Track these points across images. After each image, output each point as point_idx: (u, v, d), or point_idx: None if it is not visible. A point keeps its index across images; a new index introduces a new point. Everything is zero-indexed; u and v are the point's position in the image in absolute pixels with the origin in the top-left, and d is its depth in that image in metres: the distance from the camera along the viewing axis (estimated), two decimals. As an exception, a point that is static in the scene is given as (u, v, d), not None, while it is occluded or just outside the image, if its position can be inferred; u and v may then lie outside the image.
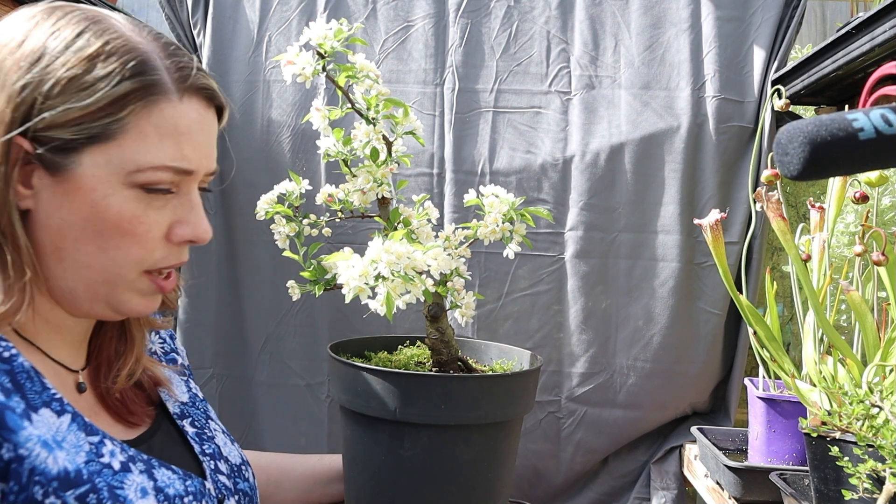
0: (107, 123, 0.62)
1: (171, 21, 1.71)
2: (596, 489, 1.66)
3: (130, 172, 0.63)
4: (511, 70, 1.66)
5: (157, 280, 0.68)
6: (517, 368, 1.07)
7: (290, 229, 1.02)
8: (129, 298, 0.67)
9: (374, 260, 0.78)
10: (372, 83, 0.95)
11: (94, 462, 0.61)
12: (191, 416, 0.81)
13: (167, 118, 0.64)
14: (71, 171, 0.62)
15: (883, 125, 0.46)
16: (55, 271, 0.65)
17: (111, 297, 0.66)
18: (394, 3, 1.69)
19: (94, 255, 0.64)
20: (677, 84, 1.62)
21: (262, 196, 1.03)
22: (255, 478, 0.85)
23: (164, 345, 0.87)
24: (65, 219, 0.63)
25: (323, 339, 1.65)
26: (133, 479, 0.63)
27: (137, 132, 0.63)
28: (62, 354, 0.70)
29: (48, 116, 0.60)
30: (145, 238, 0.65)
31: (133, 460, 0.65)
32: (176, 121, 0.65)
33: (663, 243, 1.60)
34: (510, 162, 1.64)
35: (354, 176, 1.00)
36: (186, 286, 1.66)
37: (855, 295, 0.92)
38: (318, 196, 1.04)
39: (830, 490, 0.87)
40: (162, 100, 0.64)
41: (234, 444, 0.85)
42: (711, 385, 1.65)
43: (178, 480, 0.68)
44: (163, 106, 0.64)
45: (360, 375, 0.90)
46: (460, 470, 0.91)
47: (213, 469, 0.76)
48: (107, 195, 0.63)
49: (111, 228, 0.64)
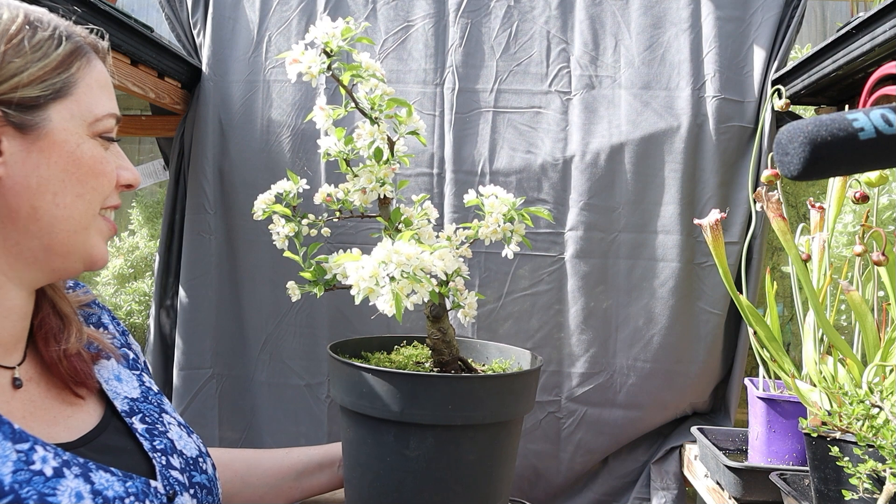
0: (65, 78, 0.69)
1: (171, 21, 1.71)
2: (596, 489, 1.66)
3: (90, 123, 0.72)
4: (511, 70, 1.66)
5: (108, 220, 0.76)
6: (514, 368, 1.08)
7: (289, 229, 1.02)
8: (96, 243, 0.74)
9: (385, 261, 0.78)
10: (377, 82, 0.94)
11: (23, 471, 0.60)
12: (141, 412, 0.80)
13: (100, 73, 0.74)
14: (43, 128, 0.68)
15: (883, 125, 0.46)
16: (30, 231, 0.69)
17: (85, 244, 0.73)
18: (394, 3, 1.69)
19: (72, 204, 0.70)
20: (677, 84, 1.62)
21: (259, 196, 1.02)
22: (215, 469, 0.84)
23: (113, 340, 0.87)
24: (43, 175, 0.68)
25: (323, 339, 1.65)
26: (67, 484, 0.62)
27: (85, 86, 0.72)
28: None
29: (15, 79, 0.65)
30: (111, 177, 0.74)
31: (67, 465, 0.64)
32: (105, 75, 0.75)
33: (663, 243, 1.60)
34: (510, 162, 1.64)
35: (356, 175, 1.00)
36: (186, 286, 1.66)
37: (855, 295, 0.92)
38: (317, 196, 1.04)
39: (830, 490, 0.87)
40: (92, 57, 0.74)
41: (193, 435, 0.85)
42: (711, 385, 1.65)
43: (118, 482, 0.67)
44: (94, 63, 0.74)
45: (364, 377, 0.89)
46: (465, 470, 0.91)
47: (164, 465, 0.75)
48: (80, 144, 0.71)
49: (87, 173, 0.71)
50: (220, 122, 1.67)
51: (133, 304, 1.92)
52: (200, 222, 1.67)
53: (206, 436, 1.64)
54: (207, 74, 1.67)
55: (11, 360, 0.72)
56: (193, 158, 1.67)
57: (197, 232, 1.67)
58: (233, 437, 1.69)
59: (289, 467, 1.04)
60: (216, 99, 1.67)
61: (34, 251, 0.69)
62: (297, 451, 1.07)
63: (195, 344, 1.66)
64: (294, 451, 1.07)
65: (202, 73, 1.68)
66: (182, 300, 1.66)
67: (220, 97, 1.68)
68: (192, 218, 1.67)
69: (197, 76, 1.68)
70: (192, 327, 1.66)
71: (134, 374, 0.85)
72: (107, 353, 0.83)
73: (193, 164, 1.67)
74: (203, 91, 1.67)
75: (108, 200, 0.75)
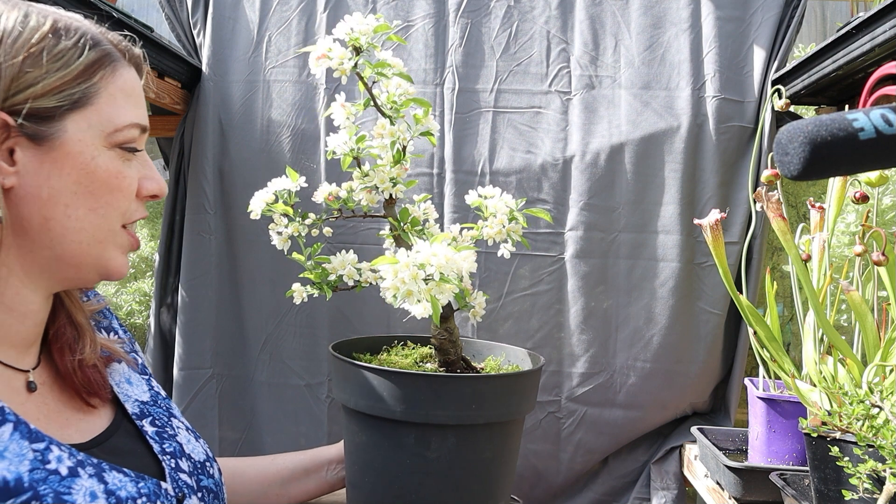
0: (84, 88, 0.68)
1: (171, 21, 1.71)
2: (596, 489, 1.66)
3: (109, 133, 0.69)
4: (511, 70, 1.66)
5: (131, 234, 0.74)
6: (507, 366, 1.08)
7: (293, 229, 1.00)
8: (114, 255, 0.72)
9: (424, 264, 0.80)
10: (400, 81, 0.94)
11: (39, 469, 0.61)
12: (151, 414, 0.81)
13: (126, 81, 0.72)
14: (57, 139, 0.67)
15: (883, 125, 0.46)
16: (42, 241, 0.68)
17: (101, 257, 0.71)
18: (394, 3, 1.69)
19: (85, 217, 0.69)
20: (677, 84, 1.62)
21: (256, 194, 1.00)
22: (221, 473, 0.85)
23: (123, 346, 0.87)
24: (55, 186, 0.67)
25: (323, 339, 1.65)
26: (82, 483, 0.63)
27: (108, 95, 0.70)
28: (10, 354, 0.70)
29: (30, 90, 0.65)
30: (128, 192, 0.72)
31: (82, 464, 0.65)
32: (132, 84, 0.73)
33: (663, 243, 1.60)
34: (510, 162, 1.64)
35: (366, 174, 0.98)
36: (186, 286, 1.66)
37: (855, 295, 0.92)
38: (318, 194, 1.03)
39: (830, 490, 0.87)
40: (119, 66, 0.72)
41: (200, 440, 0.85)
42: (711, 385, 1.65)
43: (131, 483, 0.68)
44: (121, 71, 0.72)
45: (379, 379, 0.89)
46: (482, 468, 0.92)
47: (173, 468, 0.76)
48: (94, 156, 0.69)
49: (101, 187, 0.69)
50: (220, 122, 1.67)
51: (133, 304, 1.92)
52: (200, 222, 1.67)
53: (206, 436, 1.64)
54: (207, 74, 1.67)
55: (26, 364, 0.72)
56: (193, 158, 1.67)
57: (197, 232, 1.67)
58: (233, 437, 1.69)
59: (274, 474, 1.03)
60: (216, 99, 1.67)
61: (47, 260, 0.69)
62: (282, 457, 1.06)
63: (195, 344, 1.66)
64: (280, 457, 1.06)
65: (202, 73, 1.68)
66: (182, 300, 1.66)
67: (220, 97, 1.68)
68: (192, 218, 1.67)
69: (197, 76, 1.68)
70: (192, 327, 1.66)
71: (143, 378, 0.86)
72: (118, 357, 0.83)
73: (193, 164, 1.67)
74: (203, 91, 1.67)
75: (130, 213, 0.73)
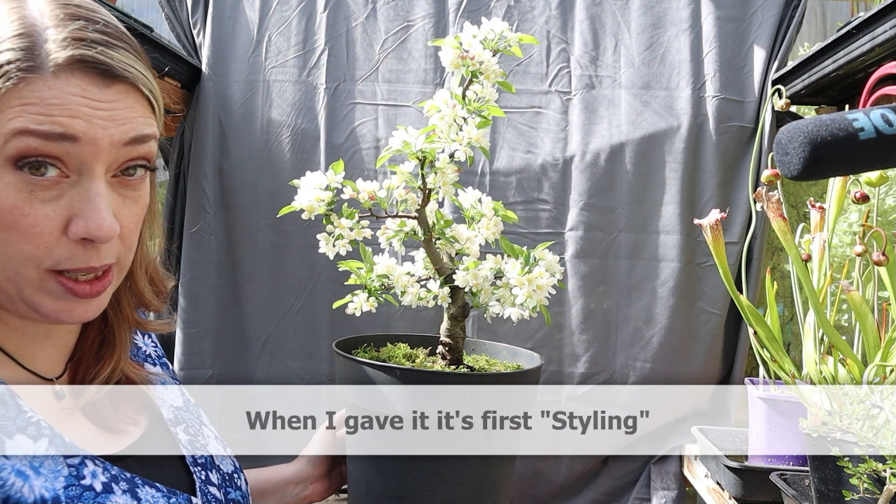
0: None
1: (171, 21, 1.71)
2: (596, 489, 1.66)
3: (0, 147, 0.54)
4: (511, 70, 1.66)
5: (65, 282, 0.59)
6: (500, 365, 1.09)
7: (356, 233, 0.91)
8: (40, 300, 0.59)
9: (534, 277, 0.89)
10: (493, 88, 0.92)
11: (75, 486, 0.60)
12: (185, 421, 0.79)
13: (33, 91, 0.55)
14: None
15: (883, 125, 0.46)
16: None
17: (23, 297, 0.59)
18: (394, 3, 1.69)
19: None
20: (677, 84, 1.62)
21: (303, 183, 0.90)
22: (247, 485, 0.84)
23: (156, 349, 0.87)
24: None
25: (323, 338, 1.65)
26: (115, 500, 0.62)
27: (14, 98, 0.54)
28: (38, 363, 0.68)
29: None
30: (32, 234, 0.56)
31: (116, 480, 0.64)
32: (43, 93, 0.55)
33: (663, 243, 1.60)
34: (510, 162, 1.63)
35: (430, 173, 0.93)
36: (186, 286, 1.66)
37: (855, 295, 0.92)
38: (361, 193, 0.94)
39: (831, 490, 0.87)
40: (34, 80, 0.55)
41: (227, 449, 0.84)
42: (711, 385, 1.65)
43: (163, 499, 0.67)
44: (34, 86, 0.55)
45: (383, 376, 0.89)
46: (496, 466, 0.93)
47: (203, 480, 0.74)
48: None
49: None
50: (220, 122, 1.67)
51: (133, 304, 1.92)
52: (200, 222, 1.67)
53: (206, 436, 1.64)
54: (207, 74, 1.67)
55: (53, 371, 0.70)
56: (193, 158, 1.67)
57: (197, 232, 1.67)
58: (233, 437, 1.68)
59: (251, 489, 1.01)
60: (216, 99, 1.67)
61: None
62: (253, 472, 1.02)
63: (195, 344, 1.66)
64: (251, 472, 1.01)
65: (202, 72, 1.68)
66: (182, 300, 1.66)
67: (220, 97, 1.68)
68: (192, 218, 1.67)
69: (197, 76, 1.68)
70: (192, 327, 1.66)
71: (175, 382, 0.85)
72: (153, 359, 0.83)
73: (193, 164, 1.67)
74: (203, 91, 1.67)
75: (57, 259, 0.58)
